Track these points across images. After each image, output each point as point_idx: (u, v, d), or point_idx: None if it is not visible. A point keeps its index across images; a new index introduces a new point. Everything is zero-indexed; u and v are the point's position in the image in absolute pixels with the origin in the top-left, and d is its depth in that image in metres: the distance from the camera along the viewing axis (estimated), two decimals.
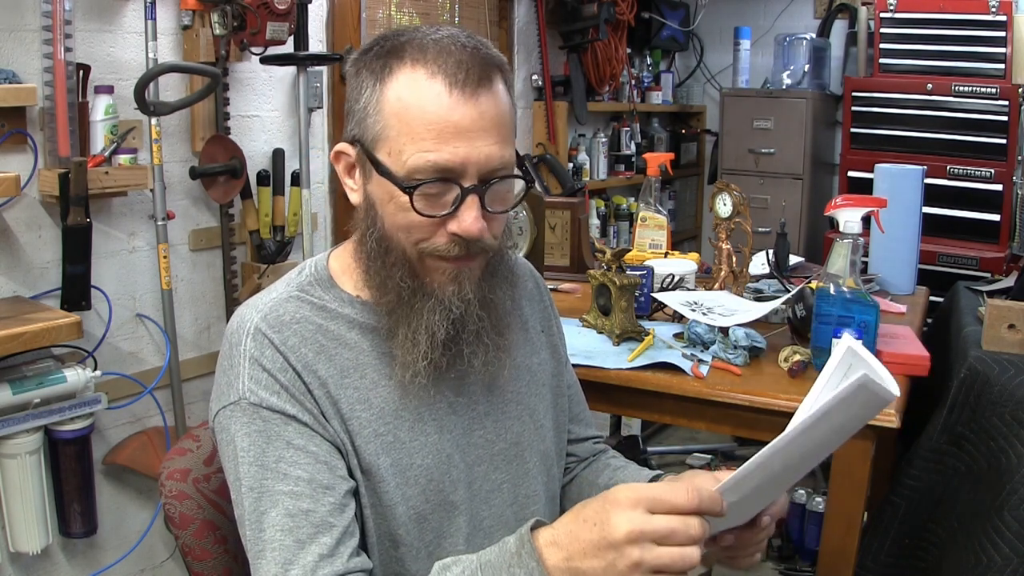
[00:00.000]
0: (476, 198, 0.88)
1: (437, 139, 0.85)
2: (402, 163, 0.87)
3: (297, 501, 0.85)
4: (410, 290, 0.92)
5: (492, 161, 0.87)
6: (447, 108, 0.85)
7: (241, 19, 2.07)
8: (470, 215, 0.87)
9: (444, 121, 0.85)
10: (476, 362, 0.95)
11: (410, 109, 0.86)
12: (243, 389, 0.89)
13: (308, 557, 0.83)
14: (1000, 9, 2.98)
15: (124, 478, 2.14)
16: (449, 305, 0.91)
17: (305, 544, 0.83)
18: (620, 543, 0.72)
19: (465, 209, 0.87)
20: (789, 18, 3.91)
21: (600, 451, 1.21)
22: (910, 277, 2.07)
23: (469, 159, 0.86)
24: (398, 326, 0.93)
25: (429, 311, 0.91)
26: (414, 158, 0.86)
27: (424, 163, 0.86)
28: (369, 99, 0.89)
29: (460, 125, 0.85)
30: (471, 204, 0.87)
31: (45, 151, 1.87)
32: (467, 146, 0.85)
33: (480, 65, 0.87)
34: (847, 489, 1.36)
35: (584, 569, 0.74)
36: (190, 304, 2.26)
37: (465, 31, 0.91)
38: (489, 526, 0.99)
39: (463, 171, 0.86)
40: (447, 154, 0.85)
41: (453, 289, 0.91)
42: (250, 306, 0.95)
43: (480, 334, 0.94)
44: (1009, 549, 1.30)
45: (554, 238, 2.24)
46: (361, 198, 0.94)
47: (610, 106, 3.78)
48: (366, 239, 0.93)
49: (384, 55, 0.89)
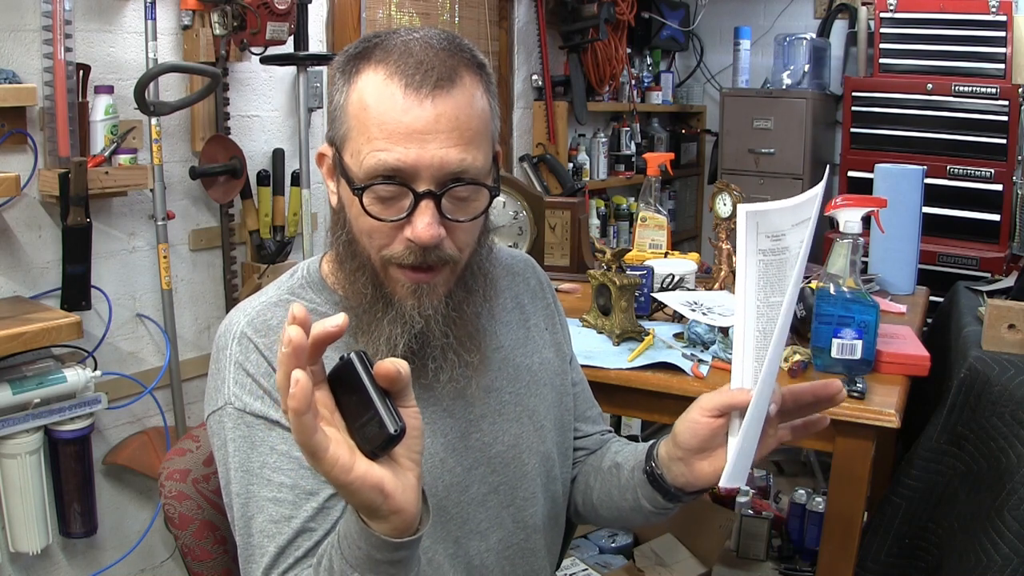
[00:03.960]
0: (431, 203, 0.84)
1: (388, 140, 0.83)
2: (360, 165, 0.85)
3: (280, 507, 0.86)
4: (371, 298, 0.90)
5: (448, 165, 0.83)
6: (400, 109, 0.82)
7: (241, 19, 2.07)
8: (422, 221, 0.84)
9: (396, 122, 0.83)
10: (442, 377, 0.93)
11: (367, 110, 0.84)
12: (229, 394, 0.90)
13: (287, 562, 0.84)
14: (1000, 9, 2.98)
15: (124, 478, 2.14)
16: (409, 320, 0.89)
17: (285, 549, 0.85)
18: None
19: (418, 214, 0.84)
20: (789, 18, 3.91)
21: (607, 440, 1.19)
22: (910, 277, 2.06)
23: (421, 162, 0.83)
24: (359, 332, 0.91)
25: (390, 322, 0.89)
26: (367, 159, 0.84)
27: (375, 165, 0.83)
28: (339, 100, 0.88)
29: (412, 127, 0.82)
30: (424, 210, 0.84)
31: (45, 151, 1.87)
32: (419, 148, 0.82)
33: (444, 65, 0.84)
34: (847, 489, 1.36)
35: None
36: (190, 304, 2.26)
37: (447, 32, 0.89)
38: (485, 528, 0.99)
39: (415, 174, 0.83)
40: (397, 156, 0.83)
41: (413, 303, 0.89)
42: (239, 310, 0.95)
43: (445, 350, 0.92)
44: (1009, 549, 1.30)
45: (554, 238, 2.24)
46: (338, 200, 0.93)
47: (610, 106, 3.78)
48: (337, 242, 0.93)
49: (355, 57, 0.88)
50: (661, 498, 0.97)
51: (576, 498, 1.15)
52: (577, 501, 1.15)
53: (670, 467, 0.94)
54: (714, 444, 0.89)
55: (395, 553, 0.71)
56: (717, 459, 0.89)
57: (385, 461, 0.67)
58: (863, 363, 1.42)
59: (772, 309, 0.84)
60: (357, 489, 0.65)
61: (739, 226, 0.83)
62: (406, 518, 0.68)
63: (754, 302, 0.84)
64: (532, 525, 1.04)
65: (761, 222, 0.83)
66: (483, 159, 0.87)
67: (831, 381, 0.88)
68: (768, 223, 0.83)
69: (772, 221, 0.83)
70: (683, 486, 0.94)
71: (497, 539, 1.00)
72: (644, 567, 2.35)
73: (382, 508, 0.67)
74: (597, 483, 1.10)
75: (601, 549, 2.48)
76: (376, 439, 0.65)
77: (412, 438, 0.69)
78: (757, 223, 0.83)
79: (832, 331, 1.41)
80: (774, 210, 0.83)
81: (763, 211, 0.83)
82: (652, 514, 1.01)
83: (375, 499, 0.66)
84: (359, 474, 0.65)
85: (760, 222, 0.83)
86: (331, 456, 0.64)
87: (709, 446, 0.89)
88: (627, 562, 2.41)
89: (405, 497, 0.68)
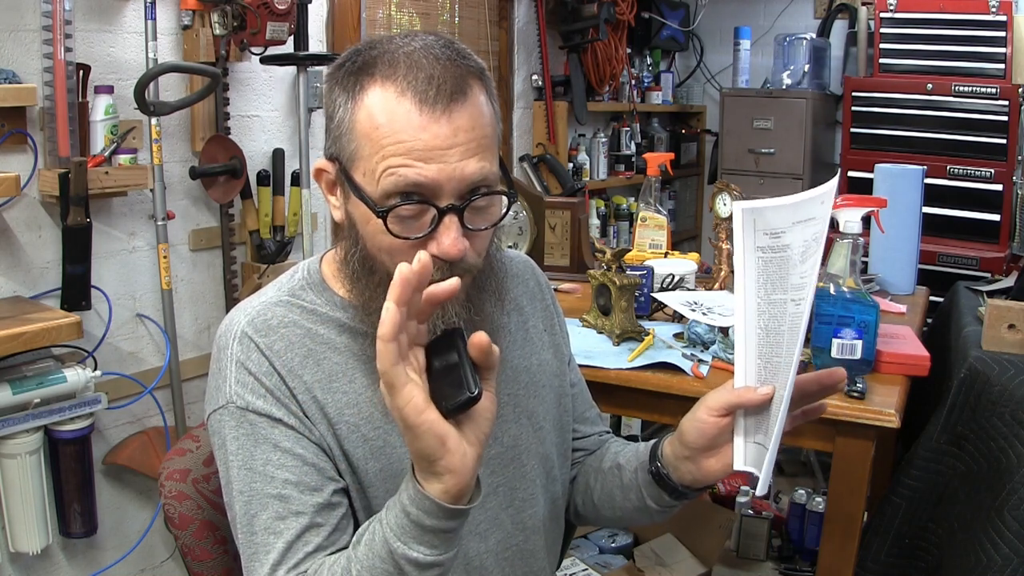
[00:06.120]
0: (455, 218, 0.84)
1: (409, 159, 0.82)
2: (375, 185, 0.84)
3: (285, 504, 0.86)
4: None
5: (470, 178, 0.83)
6: (417, 127, 0.82)
7: (241, 19, 2.07)
8: (449, 237, 0.83)
9: (415, 140, 0.82)
10: None
11: (380, 129, 0.83)
12: (230, 393, 0.90)
13: (296, 556, 0.85)
14: (1000, 9, 2.98)
15: (124, 478, 2.14)
16: (432, 328, 0.88)
17: (293, 545, 0.85)
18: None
19: (443, 230, 0.84)
20: (789, 18, 3.91)
21: (605, 441, 1.19)
22: (910, 277, 2.06)
23: (443, 178, 0.82)
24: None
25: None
26: (386, 180, 0.83)
27: (396, 184, 0.82)
28: (343, 117, 0.86)
29: (432, 144, 0.82)
30: (449, 225, 0.83)
31: (45, 151, 1.87)
32: (440, 165, 0.82)
33: (454, 77, 0.83)
34: (847, 489, 1.36)
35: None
36: (190, 304, 2.26)
37: (442, 38, 0.87)
38: (485, 529, 0.99)
39: (438, 191, 0.83)
40: (419, 174, 0.82)
41: (437, 313, 0.87)
42: (239, 310, 0.95)
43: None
44: (1009, 549, 1.30)
45: (554, 238, 2.24)
46: (343, 216, 0.92)
47: (610, 106, 3.78)
48: (349, 259, 0.92)
49: (356, 71, 0.86)
50: (667, 496, 0.99)
51: (576, 499, 1.15)
52: (577, 502, 1.15)
53: (677, 466, 0.95)
54: (721, 441, 0.90)
55: (444, 521, 0.73)
56: (724, 455, 0.90)
57: (454, 423, 0.71)
58: (863, 363, 1.42)
59: (775, 307, 0.84)
60: (422, 433, 0.69)
61: (735, 223, 0.83)
62: (460, 482, 0.71)
63: (754, 299, 0.84)
64: (531, 526, 1.04)
65: (758, 219, 0.83)
66: (495, 165, 0.87)
67: (835, 369, 0.88)
68: (765, 220, 0.83)
69: (769, 218, 0.83)
70: (690, 484, 0.96)
71: (496, 540, 1.00)
72: (644, 567, 2.35)
73: (439, 462, 0.70)
74: (598, 484, 1.10)
75: (601, 549, 2.48)
76: (453, 396, 0.70)
77: (483, 418, 0.73)
78: (754, 220, 0.83)
79: (832, 331, 1.41)
80: (771, 207, 0.83)
81: (759, 208, 0.83)
82: (657, 512, 1.02)
83: (435, 448, 0.69)
84: (428, 419, 0.68)
85: (757, 219, 0.83)
86: (407, 392, 0.68)
87: (716, 444, 0.90)
88: (627, 562, 2.41)
89: (464, 461, 0.71)
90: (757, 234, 0.83)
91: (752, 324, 0.85)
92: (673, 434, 0.96)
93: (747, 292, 0.84)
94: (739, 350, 0.86)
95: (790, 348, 0.81)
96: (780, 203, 0.82)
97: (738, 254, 0.84)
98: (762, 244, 0.83)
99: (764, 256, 0.84)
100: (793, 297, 0.82)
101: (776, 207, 0.82)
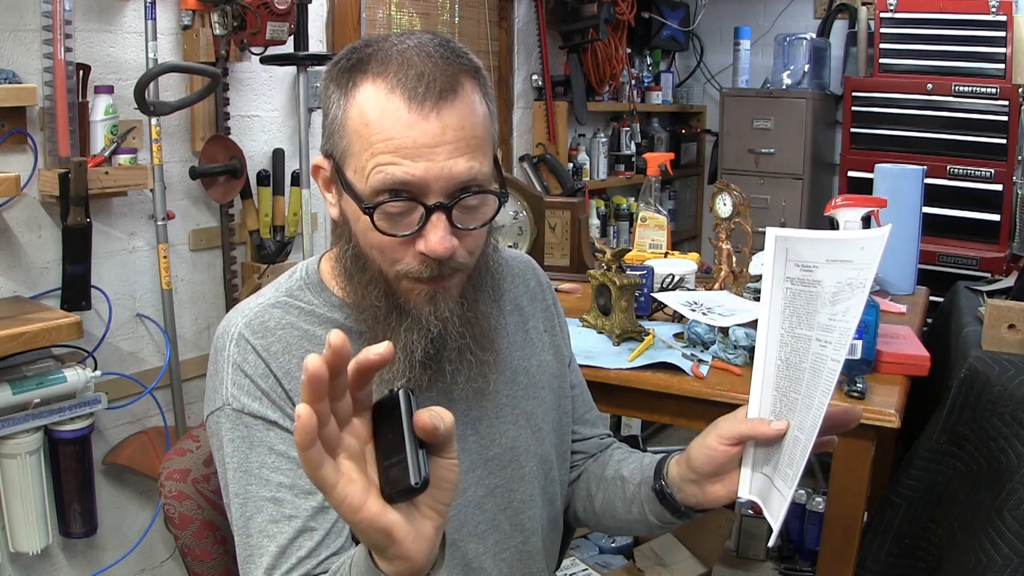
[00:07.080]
0: (442, 216, 0.83)
1: (395, 155, 0.82)
2: (365, 181, 0.84)
3: (279, 507, 0.86)
4: (385, 310, 0.90)
5: (458, 176, 0.83)
6: (406, 124, 0.81)
7: (241, 19, 2.07)
8: (436, 235, 0.83)
9: (402, 137, 0.81)
10: (460, 378, 0.93)
11: (370, 126, 0.83)
12: (227, 395, 0.90)
13: (289, 561, 0.84)
14: (1000, 9, 2.98)
15: (124, 478, 2.14)
16: (427, 324, 0.89)
17: (287, 549, 0.85)
18: None
19: (431, 228, 0.83)
20: (789, 18, 3.91)
21: (607, 445, 1.19)
22: (910, 277, 2.06)
23: (431, 176, 0.82)
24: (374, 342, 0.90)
25: (406, 330, 0.89)
26: (375, 177, 0.82)
27: (383, 182, 0.82)
28: (336, 114, 0.86)
29: (420, 141, 0.81)
30: (437, 223, 0.83)
31: (45, 151, 1.87)
32: (428, 163, 0.81)
33: (445, 75, 0.83)
34: (847, 489, 1.36)
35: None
36: (190, 304, 2.26)
37: (439, 37, 0.87)
38: (483, 531, 0.99)
39: (425, 189, 0.82)
40: (406, 172, 0.81)
41: (430, 309, 0.88)
42: (237, 311, 0.95)
43: (463, 351, 0.92)
44: (1009, 549, 1.30)
45: (554, 238, 2.24)
46: (338, 213, 0.92)
47: (610, 106, 3.78)
48: (343, 256, 0.92)
49: (350, 68, 0.86)
50: (669, 515, 0.99)
51: (577, 505, 1.15)
52: (578, 508, 1.15)
53: (682, 488, 0.96)
54: (728, 468, 0.91)
55: None
56: (730, 482, 0.91)
57: (402, 506, 0.64)
58: (863, 363, 1.42)
59: (798, 341, 0.82)
60: (364, 529, 0.63)
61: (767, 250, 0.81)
62: (413, 566, 0.65)
63: (777, 330, 0.83)
64: (530, 527, 1.04)
65: (790, 249, 0.81)
66: (488, 164, 0.87)
67: (851, 408, 0.88)
68: (797, 251, 0.80)
69: (801, 250, 0.80)
70: (693, 505, 0.96)
71: (494, 541, 1.00)
72: (644, 567, 2.35)
73: (388, 551, 0.65)
74: (600, 492, 1.10)
75: (601, 549, 2.48)
76: (397, 484, 0.62)
77: (441, 490, 0.65)
78: (786, 249, 0.81)
79: None
80: (804, 239, 0.80)
81: (792, 237, 0.81)
82: (657, 527, 1.03)
83: (381, 540, 0.64)
84: (367, 515, 0.62)
85: (789, 249, 0.81)
86: (339, 493, 0.61)
87: (723, 470, 0.91)
88: (627, 562, 2.41)
89: (415, 546, 0.64)
90: (788, 264, 0.81)
91: (772, 354, 0.83)
92: (680, 454, 0.97)
93: (771, 321, 0.82)
94: (756, 379, 0.84)
95: (810, 388, 0.79)
96: (815, 236, 0.80)
97: (766, 281, 0.83)
98: (792, 275, 0.82)
99: (793, 288, 0.82)
100: (819, 337, 0.79)
101: (810, 239, 0.80)
